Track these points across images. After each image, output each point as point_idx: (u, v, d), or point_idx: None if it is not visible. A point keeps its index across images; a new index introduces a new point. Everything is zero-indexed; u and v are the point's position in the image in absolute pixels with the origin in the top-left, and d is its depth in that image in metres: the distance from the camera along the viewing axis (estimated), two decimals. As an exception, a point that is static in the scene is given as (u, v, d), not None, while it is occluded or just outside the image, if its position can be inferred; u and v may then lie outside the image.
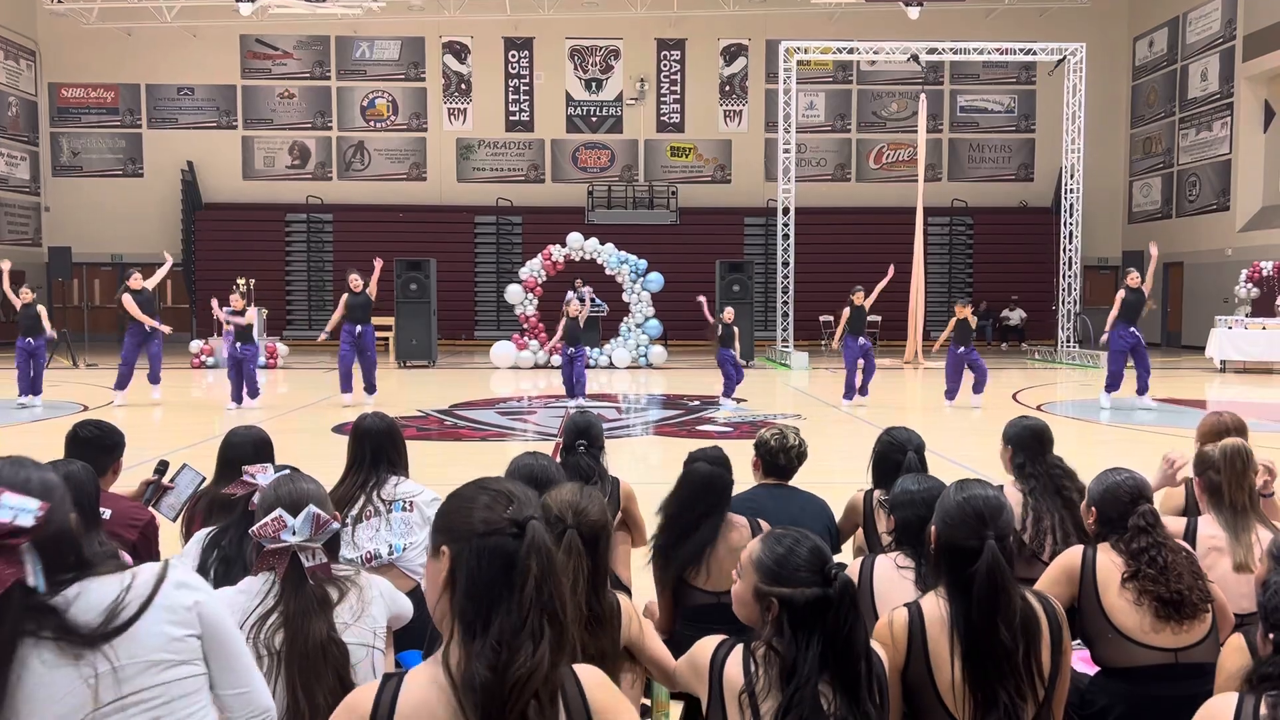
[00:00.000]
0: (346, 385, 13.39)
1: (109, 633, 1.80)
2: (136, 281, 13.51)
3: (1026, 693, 2.32)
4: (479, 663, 1.60)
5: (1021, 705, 2.31)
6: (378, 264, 14.08)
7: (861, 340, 13.48)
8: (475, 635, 1.63)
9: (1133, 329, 13.06)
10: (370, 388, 13.48)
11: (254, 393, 13.23)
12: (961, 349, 13.18)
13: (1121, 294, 13.17)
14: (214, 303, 15.19)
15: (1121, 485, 3.07)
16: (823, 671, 2.07)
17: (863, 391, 13.60)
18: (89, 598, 1.81)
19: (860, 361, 13.50)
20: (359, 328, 13.39)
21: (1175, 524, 3.43)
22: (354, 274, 13.64)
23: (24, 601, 1.74)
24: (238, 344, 13.16)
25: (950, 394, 13.30)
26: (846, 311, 13.69)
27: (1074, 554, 3.04)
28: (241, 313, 13.44)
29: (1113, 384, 13.11)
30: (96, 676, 1.79)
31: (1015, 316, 27.12)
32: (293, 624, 2.35)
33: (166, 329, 13.78)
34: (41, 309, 13.29)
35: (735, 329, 13.74)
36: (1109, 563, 2.95)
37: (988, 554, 2.33)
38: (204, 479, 3.92)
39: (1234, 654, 2.40)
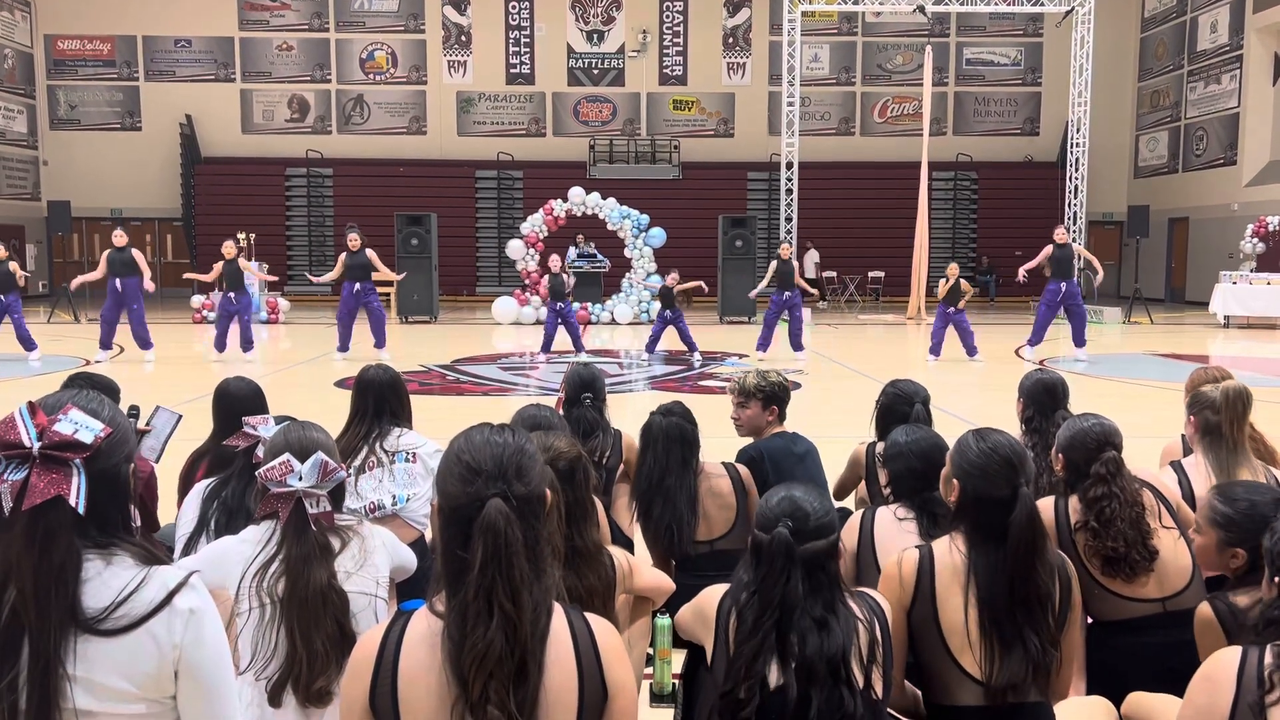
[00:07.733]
0: (344, 344, 13.34)
1: (97, 630, 1.51)
2: (120, 238, 13.36)
3: (1053, 639, 2.31)
4: (445, 633, 1.62)
5: (1051, 651, 2.30)
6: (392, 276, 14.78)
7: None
8: (450, 598, 1.64)
9: (1063, 284, 13.37)
10: (379, 342, 13.41)
11: (246, 345, 13.11)
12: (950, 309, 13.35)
13: (1048, 249, 13.48)
14: (242, 260, 14.81)
15: (1089, 432, 2.95)
16: (770, 615, 2.05)
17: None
18: (104, 581, 1.54)
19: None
20: (357, 285, 13.35)
21: (1167, 473, 3.43)
22: (352, 233, 13.54)
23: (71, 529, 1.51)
24: (230, 294, 13.10)
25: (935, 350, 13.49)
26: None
27: (1046, 506, 2.93)
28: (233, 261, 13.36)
29: (1034, 338, 13.57)
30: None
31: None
32: (294, 569, 2.36)
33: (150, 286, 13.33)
34: (14, 265, 13.11)
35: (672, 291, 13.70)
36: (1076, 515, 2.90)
37: (1024, 501, 2.31)
38: (179, 417, 3.98)
39: (1207, 631, 2.34)
